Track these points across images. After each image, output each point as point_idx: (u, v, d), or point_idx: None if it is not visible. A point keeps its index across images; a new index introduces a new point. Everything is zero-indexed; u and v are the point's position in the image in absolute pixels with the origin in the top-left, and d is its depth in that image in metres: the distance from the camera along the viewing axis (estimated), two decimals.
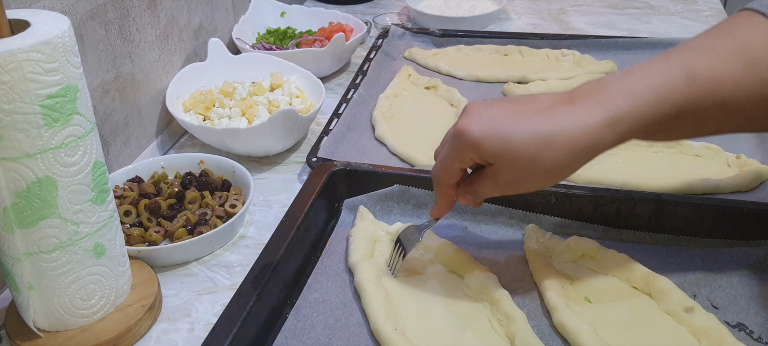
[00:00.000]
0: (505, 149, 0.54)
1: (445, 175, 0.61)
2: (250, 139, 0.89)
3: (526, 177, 0.56)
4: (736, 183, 0.81)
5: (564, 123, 0.54)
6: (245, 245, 0.78)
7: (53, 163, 0.55)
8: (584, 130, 0.53)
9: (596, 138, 0.53)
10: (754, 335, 0.61)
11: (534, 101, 0.56)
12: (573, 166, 0.55)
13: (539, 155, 0.54)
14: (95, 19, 0.81)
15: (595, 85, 0.55)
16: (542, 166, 0.54)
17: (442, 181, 0.62)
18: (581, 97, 0.55)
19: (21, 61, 0.51)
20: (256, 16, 1.27)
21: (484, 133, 0.55)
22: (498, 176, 0.57)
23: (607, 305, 0.64)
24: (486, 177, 0.58)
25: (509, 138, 0.54)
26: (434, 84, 1.10)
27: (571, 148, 0.53)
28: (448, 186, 0.62)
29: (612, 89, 0.54)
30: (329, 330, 0.63)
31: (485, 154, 0.56)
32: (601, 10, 1.45)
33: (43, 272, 0.59)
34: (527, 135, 0.54)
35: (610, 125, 0.53)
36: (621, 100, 0.53)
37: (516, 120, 0.55)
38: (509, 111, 0.56)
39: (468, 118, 0.56)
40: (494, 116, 0.56)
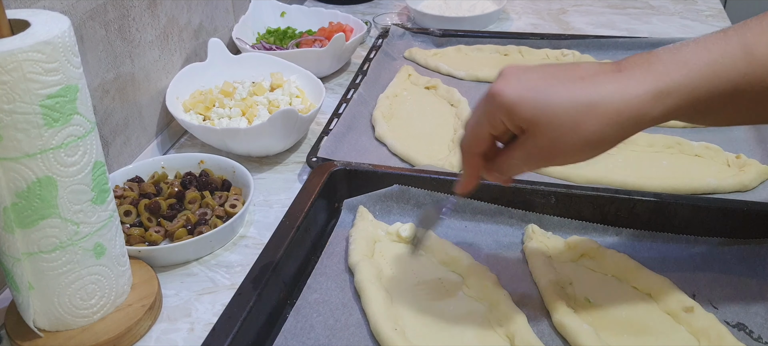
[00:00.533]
0: (543, 114, 0.50)
1: (473, 141, 0.56)
2: (250, 139, 0.89)
3: (563, 146, 0.51)
4: (736, 183, 0.81)
5: (609, 90, 0.50)
6: (245, 245, 0.78)
7: (53, 163, 0.55)
8: (631, 100, 0.50)
9: (643, 109, 0.50)
10: (754, 335, 0.61)
11: (577, 68, 0.53)
12: (615, 137, 0.51)
13: (580, 122, 0.50)
14: (95, 19, 0.81)
15: (645, 56, 0.52)
16: (582, 134, 0.50)
17: (469, 148, 0.57)
18: (630, 66, 0.51)
19: (21, 61, 0.51)
20: (256, 16, 1.27)
21: (520, 95, 0.51)
22: (532, 145, 0.52)
23: (607, 305, 0.64)
24: (518, 146, 0.53)
25: (548, 102, 0.50)
26: (434, 84, 1.10)
27: (615, 117, 0.50)
28: (476, 155, 0.57)
29: (664, 60, 0.51)
30: (329, 330, 0.63)
31: (519, 119, 0.51)
32: (601, 10, 1.45)
33: (43, 272, 0.59)
34: (567, 100, 0.50)
35: (659, 97, 0.50)
36: (673, 71, 0.50)
37: (556, 84, 0.51)
38: (549, 75, 0.52)
39: (504, 80, 0.52)
40: (532, 79, 0.52)
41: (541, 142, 0.52)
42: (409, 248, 0.65)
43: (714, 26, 1.34)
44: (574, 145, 0.51)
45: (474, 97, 1.07)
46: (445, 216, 0.63)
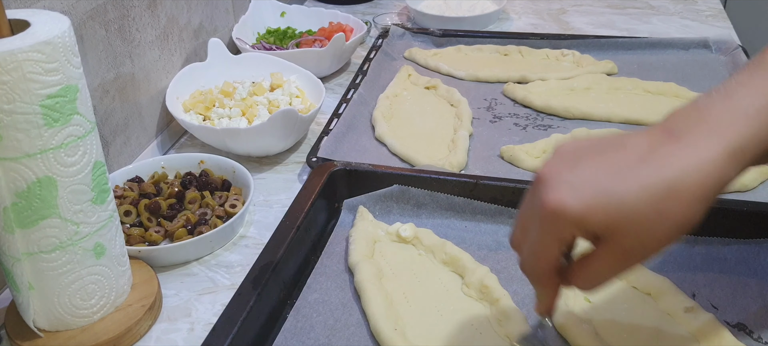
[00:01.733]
0: (621, 216, 0.44)
1: (544, 266, 0.49)
2: (250, 139, 0.89)
3: (653, 240, 0.45)
4: (736, 183, 0.80)
5: (681, 167, 0.44)
6: (245, 245, 0.78)
7: (53, 163, 0.55)
8: (709, 170, 0.44)
9: (723, 175, 0.45)
10: (754, 335, 0.61)
11: (627, 147, 0.46)
12: (704, 211, 0.45)
13: (664, 211, 0.44)
14: (95, 19, 0.82)
15: (695, 112, 0.47)
16: (670, 221, 0.44)
17: (542, 275, 0.50)
18: (686, 131, 0.46)
19: (21, 61, 0.51)
20: (256, 16, 1.27)
21: (587, 203, 0.44)
22: (617, 251, 0.46)
23: (607, 305, 0.64)
24: (601, 256, 0.47)
25: (622, 200, 0.44)
26: (434, 84, 1.10)
27: (700, 192, 0.44)
28: (551, 276, 0.50)
29: (719, 114, 0.46)
30: (329, 330, 0.63)
31: (594, 227, 0.45)
32: (601, 10, 1.45)
33: (43, 272, 0.59)
34: (643, 192, 0.44)
35: (733, 157, 0.45)
36: (737, 125, 0.45)
37: (621, 177, 0.45)
38: (605, 166, 0.46)
39: (556, 190, 0.45)
40: (588, 180, 0.45)
41: (628, 244, 0.45)
42: None
43: (714, 26, 1.34)
44: (664, 235, 0.45)
45: (474, 97, 1.07)
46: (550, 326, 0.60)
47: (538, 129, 0.98)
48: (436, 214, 0.77)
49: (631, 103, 1.01)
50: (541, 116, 1.01)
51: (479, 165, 0.89)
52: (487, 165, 0.89)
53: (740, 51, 1.13)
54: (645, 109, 0.99)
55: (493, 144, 0.94)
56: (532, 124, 0.99)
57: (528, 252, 0.50)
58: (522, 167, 0.88)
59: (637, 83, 1.06)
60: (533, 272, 0.51)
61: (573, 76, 1.09)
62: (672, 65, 1.13)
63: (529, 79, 1.10)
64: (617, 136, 0.48)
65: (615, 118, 0.98)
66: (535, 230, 0.48)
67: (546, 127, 0.98)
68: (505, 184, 0.76)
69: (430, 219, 0.77)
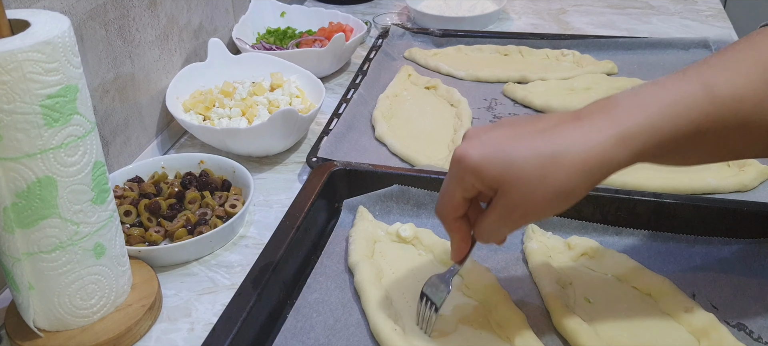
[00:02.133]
0: (509, 171, 0.50)
1: (448, 207, 0.56)
2: (250, 139, 0.89)
3: (535, 201, 0.51)
4: (736, 183, 0.81)
5: (571, 140, 0.50)
6: (245, 245, 0.78)
7: (53, 163, 0.55)
8: (594, 147, 0.49)
9: (608, 155, 0.49)
10: (754, 335, 0.61)
11: (538, 121, 0.53)
12: (584, 186, 0.50)
13: (547, 175, 0.50)
14: (95, 19, 0.82)
15: (604, 101, 0.52)
16: (551, 186, 0.50)
17: (446, 214, 0.57)
18: (590, 114, 0.51)
19: (21, 61, 0.51)
20: (256, 16, 1.27)
21: (485, 155, 0.51)
22: (504, 204, 0.52)
23: (607, 305, 0.64)
24: (492, 208, 0.53)
25: (512, 159, 0.50)
26: (434, 84, 1.10)
27: (581, 166, 0.49)
28: (455, 220, 0.57)
29: (623, 104, 0.51)
30: (329, 330, 0.63)
31: (487, 179, 0.51)
32: (601, 10, 1.45)
33: (43, 272, 0.59)
34: (532, 154, 0.50)
35: (622, 141, 0.49)
36: (634, 114, 0.50)
37: (519, 140, 0.51)
38: (511, 132, 0.52)
39: (467, 143, 0.53)
40: (495, 139, 0.52)
41: (513, 200, 0.51)
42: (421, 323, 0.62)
43: (714, 26, 1.34)
44: (545, 198, 0.50)
45: (474, 97, 1.07)
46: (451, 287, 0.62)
47: None
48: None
49: None
50: None
51: None
52: None
53: None
54: None
55: None
56: None
57: (441, 194, 0.57)
58: None
59: (637, 83, 1.05)
60: (441, 213, 0.57)
61: (573, 76, 1.09)
62: (672, 65, 1.13)
63: (529, 79, 1.10)
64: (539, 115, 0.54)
65: None
66: (447, 176, 0.55)
67: None
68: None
69: (430, 219, 0.77)
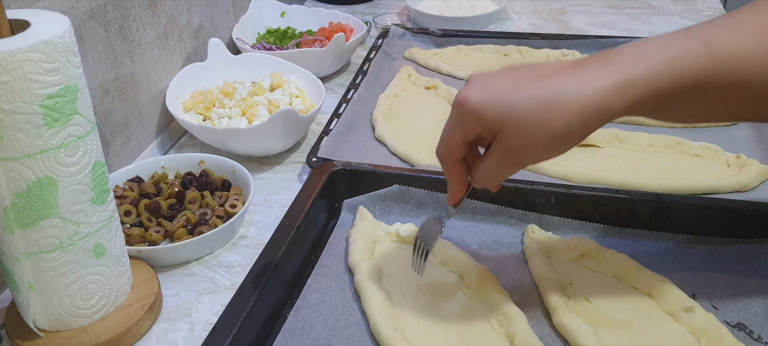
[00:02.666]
0: (508, 115, 0.52)
1: (448, 149, 0.58)
2: (250, 139, 0.89)
3: (532, 144, 0.53)
4: (736, 183, 0.81)
5: (571, 86, 0.51)
6: (245, 245, 0.78)
7: (53, 163, 0.55)
8: (592, 94, 0.51)
9: (605, 102, 0.51)
10: (754, 335, 0.61)
11: (540, 67, 0.54)
12: (580, 131, 0.52)
13: (544, 119, 0.51)
14: (95, 19, 0.82)
15: (606, 52, 0.53)
16: (548, 130, 0.51)
17: (445, 156, 0.59)
18: (591, 62, 0.53)
19: (21, 61, 0.51)
20: (256, 16, 1.27)
21: (484, 99, 0.53)
22: (502, 147, 0.54)
23: (607, 305, 0.64)
24: (490, 152, 0.55)
25: (512, 103, 0.52)
26: (434, 84, 1.10)
27: (578, 111, 0.51)
28: (454, 163, 0.59)
29: (625, 55, 0.52)
30: (329, 330, 0.63)
31: (487, 122, 0.53)
32: (601, 10, 1.45)
33: (43, 272, 0.59)
34: (530, 99, 0.52)
35: (620, 89, 0.51)
36: (634, 64, 0.51)
37: (519, 85, 0.53)
38: (512, 78, 0.54)
39: (469, 87, 0.54)
40: (497, 83, 0.54)
41: (511, 143, 0.53)
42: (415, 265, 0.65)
43: None
44: (542, 142, 0.52)
45: None
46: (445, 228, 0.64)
47: None
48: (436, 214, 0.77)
49: None
50: None
51: None
52: None
53: None
54: None
55: None
56: None
57: (441, 136, 0.58)
58: None
59: None
60: (440, 155, 0.59)
61: None
62: None
63: None
64: (542, 63, 0.56)
65: None
66: (448, 119, 0.57)
67: None
68: (505, 184, 0.75)
69: None
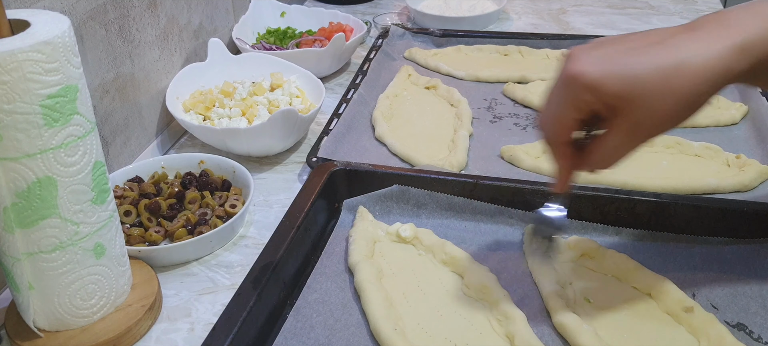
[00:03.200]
0: (633, 85, 0.49)
1: (559, 130, 0.54)
2: (250, 139, 0.89)
3: (661, 114, 0.50)
4: (736, 183, 0.81)
5: (692, 50, 0.49)
6: (245, 245, 0.78)
7: (53, 163, 0.55)
8: (714, 56, 0.49)
9: (728, 64, 0.49)
10: (754, 335, 0.61)
11: (648, 35, 0.52)
12: (707, 94, 0.50)
13: (672, 86, 0.49)
14: (95, 19, 0.82)
15: (716, 15, 0.52)
16: (676, 96, 0.49)
17: (556, 138, 0.55)
18: (704, 25, 0.51)
19: (21, 61, 0.51)
20: (256, 16, 1.27)
21: (604, 71, 0.50)
22: (629, 122, 0.51)
23: (607, 305, 0.64)
24: (614, 130, 0.52)
25: (634, 72, 0.49)
26: (434, 84, 1.10)
27: (704, 74, 0.49)
28: (564, 145, 0.55)
29: (737, 16, 0.51)
30: (329, 331, 0.63)
31: (609, 96, 0.50)
32: (601, 10, 1.45)
33: (43, 272, 0.59)
34: (654, 67, 0.49)
35: (742, 51, 0.50)
36: (750, 25, 0.50)
37: (636, 54, 0.50)
38: (623, 47, 0.51)
39: (578, 62, 0.51)
40: (609, 54, 0.51)
41: (638, 116, 0.51)
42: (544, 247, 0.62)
43: None
44: (671, 110, 0.50)
45: (474, 97, 1.07)
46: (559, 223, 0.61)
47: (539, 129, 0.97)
48: (436, 214, 0.77)
49: None
50: None
51: (479, 165, 0.89)
52: (487, 165, 0.89)
53: None
54: None
55: (493, 144, 0.94)
56: (532, 124, 0.99)
57: (548, 117, 0.55)
58: (522, 167, 0.88)
59: None
60: (551, 136, 0.55)
61: None
62: None
63: (529, 79, 1.10)
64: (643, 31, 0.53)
65: None
66: (555, 95, 0.53)
67: None
68: (505, 184, 0.76)
69: (430, 219, 0.77)
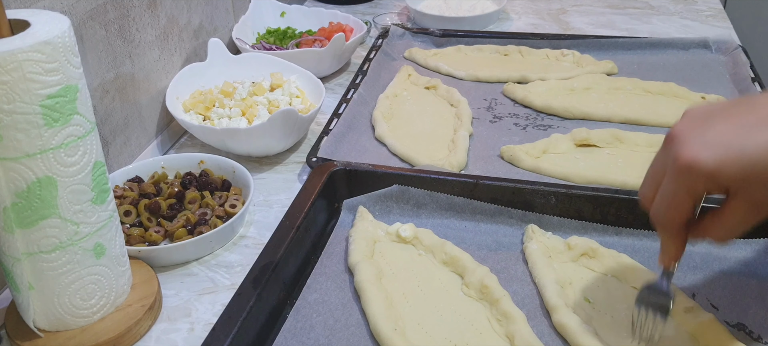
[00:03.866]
0: (751, 171, 0.49)
1: (677, 217, 0.54)
2: (250, 139, 0.89)
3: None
4: None
5: None
6: (245, 245, 0.78)
7: (53, 163, 0.55)
8: None
9: None
10: (754, 335, 0.61)
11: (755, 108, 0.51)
12: None
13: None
14: (95, 19, 0.82)
15: None
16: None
17: (672, 225, 0.55)
18: None
19: (21, 61, 0.51)
20: (256, 16, 1.27)
21: (720, 159, 0.49)
22: (749, 204, 0.51)
23: (607, 305, 0.64)
24: (735, 209, 0.52)
25: (752, 157, 0.49)
26: (434, 84, 1.10)
27: None
28: (679, 229, 0.56)
29: None
30: (329, 331, 0.63)
31: (727, 182, 0.50)
32: (601, 10, 1.45)
33: (43, 272, 0.59)
34: None
35: None
36: None
37: (749, 134, 0.49)
38: (733, 126, 0.50)
39: (690, 148, 0.50)
40: (720, 136, 0.50)
41: (758, 196, 0.51)
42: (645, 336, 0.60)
43: (714, 26, 1.34)
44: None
45: (474, 97, 1.07)
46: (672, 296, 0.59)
47: (538, 129, 0.98)
48: (436, 214, 0.77)
49: (631, 103, 1.01)
50: (541, 116, 1.01)
51: (479, 165, 0.89)
52: (487, 165, 0.89)
53: (740, 51, 1.13)
54: (645, 109, 0.99)
55: (493, 144, 0.94)
56: (532, 124, 0.99)
57: (661, 205, 0.55)
58: (522, 167, 0.88)
59: (637, 83, 1.06)
60: (665, 223, 0.55)
61: (573, 76, 1.09)
62: (672, 65, 1.13)
63: (529, 79, 1.10)
64: (745, 99, 0.53)
65: (615, 118, 0.98)
66: (669, 184, 0.53)
67: (546, 127, 0.98)
68: (505, 184, 0.76)
69: (430, 219, 0.77)
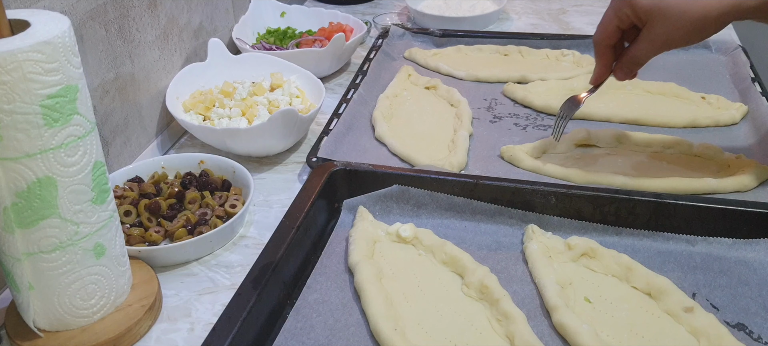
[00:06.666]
0: (657, 5, 0.68)
1: (604, 34, 0.75)
2: (250, 139, 0.89)
3: (676, 30, 0.69)
4: (736, 183, 0.81)
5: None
6: (245, 245, 0.78)
7: (53, 164, 0.55)
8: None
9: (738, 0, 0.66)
10: (754, 335, 0.61)
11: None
12: (718, 21, 0.67)
13: (687, 10, 0.67)
14: (95, 19, 0.82)
15: None
16: (689, 19, 0.67)
17: (600, 41, 0.76)
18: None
19: (21, 61, 0.51)
20: (256, 16, 1.27)
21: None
22: (652, 33, 0.70)
23: (607, 305, 0.64)
24: (641, 38, 0.72)
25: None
26: (434, 84, 1.10)
27: (716, 6, 0.66)
28: (607, 47, 0.76)
29: None
30: (329, 331, 0.63)
31: (640, 11, 0.70)
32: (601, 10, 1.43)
33: (43, 272, 0.59)
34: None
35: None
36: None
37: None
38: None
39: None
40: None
41: (659, 29, 0.70)
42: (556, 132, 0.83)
43: None
44: (683, 29, 0.69)
45: (474, 97, 1.07)
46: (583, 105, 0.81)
47: (538, 129, 0.98)
48: (436, 214, 0.77)
49: (631, 103, 1.01)
50: (541, 116, 1.01)
51: (479, 165, 0.89)
52: (487, 165, 0.89)
53: (740, 51, 1.13)
54: (645, 109, 0.99)
55: (493, 144, 0.94)
56: (532, 124, 0.99)
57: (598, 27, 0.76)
58: (522, 167, 0.88)
59: (637, 83, 1.06)
60: (596, 40, 0.76)
61: (573, 76, 1.09)
62: (672, 65, 1.13)
63: (529, 79, 1.10)
64: None
65: (615, 118, 0.98)
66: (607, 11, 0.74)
67: (546, 127, 0.98)
68: (505, 184, 0.76)
69: (430, 219, 0.77)
